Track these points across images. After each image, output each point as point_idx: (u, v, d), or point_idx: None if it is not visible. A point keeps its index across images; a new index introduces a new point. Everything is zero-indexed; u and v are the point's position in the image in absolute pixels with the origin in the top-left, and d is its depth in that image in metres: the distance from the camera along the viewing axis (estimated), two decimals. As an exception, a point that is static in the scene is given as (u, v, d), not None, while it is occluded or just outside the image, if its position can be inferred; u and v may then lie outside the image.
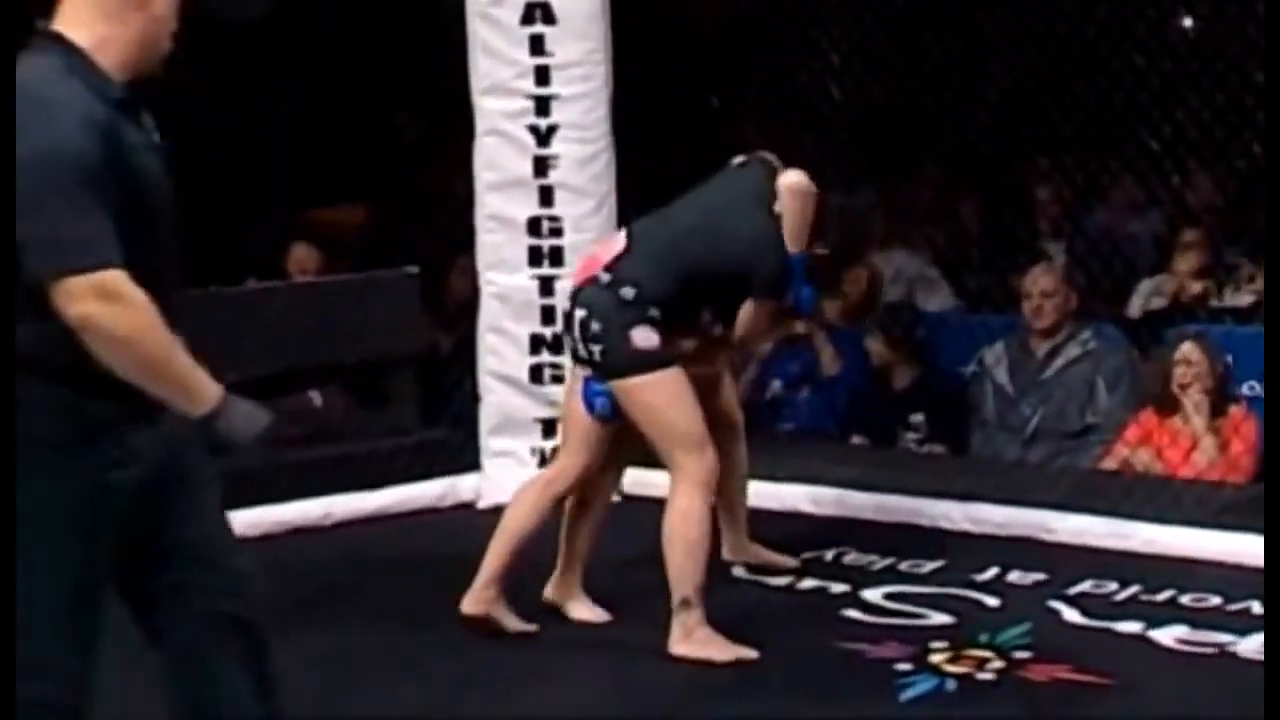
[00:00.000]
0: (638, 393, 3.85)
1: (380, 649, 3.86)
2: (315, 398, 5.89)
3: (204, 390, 2.43)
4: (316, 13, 6.49)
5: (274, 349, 5.20)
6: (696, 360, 4.04)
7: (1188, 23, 6.43)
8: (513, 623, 3.95)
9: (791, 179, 3.94)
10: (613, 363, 3.87)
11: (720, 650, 3.77)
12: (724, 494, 4.14)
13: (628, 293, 3.85)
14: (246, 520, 4.70)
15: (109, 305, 2.33)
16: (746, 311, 3.97)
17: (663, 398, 3.84)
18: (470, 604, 3.94)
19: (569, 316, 3.95)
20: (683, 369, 3.89)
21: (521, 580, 3.99)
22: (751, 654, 3.77)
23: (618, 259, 3.92)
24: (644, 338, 3.83)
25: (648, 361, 3.84)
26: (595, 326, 3.87)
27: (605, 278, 3.90)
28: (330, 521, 4.84)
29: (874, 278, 4.25)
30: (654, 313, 3.85)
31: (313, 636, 3.94)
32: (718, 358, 4.20)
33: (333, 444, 5.21)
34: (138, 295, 2.35)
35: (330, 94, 6.59)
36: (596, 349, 3.87)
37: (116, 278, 2.34)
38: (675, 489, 3.86)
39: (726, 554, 4.31)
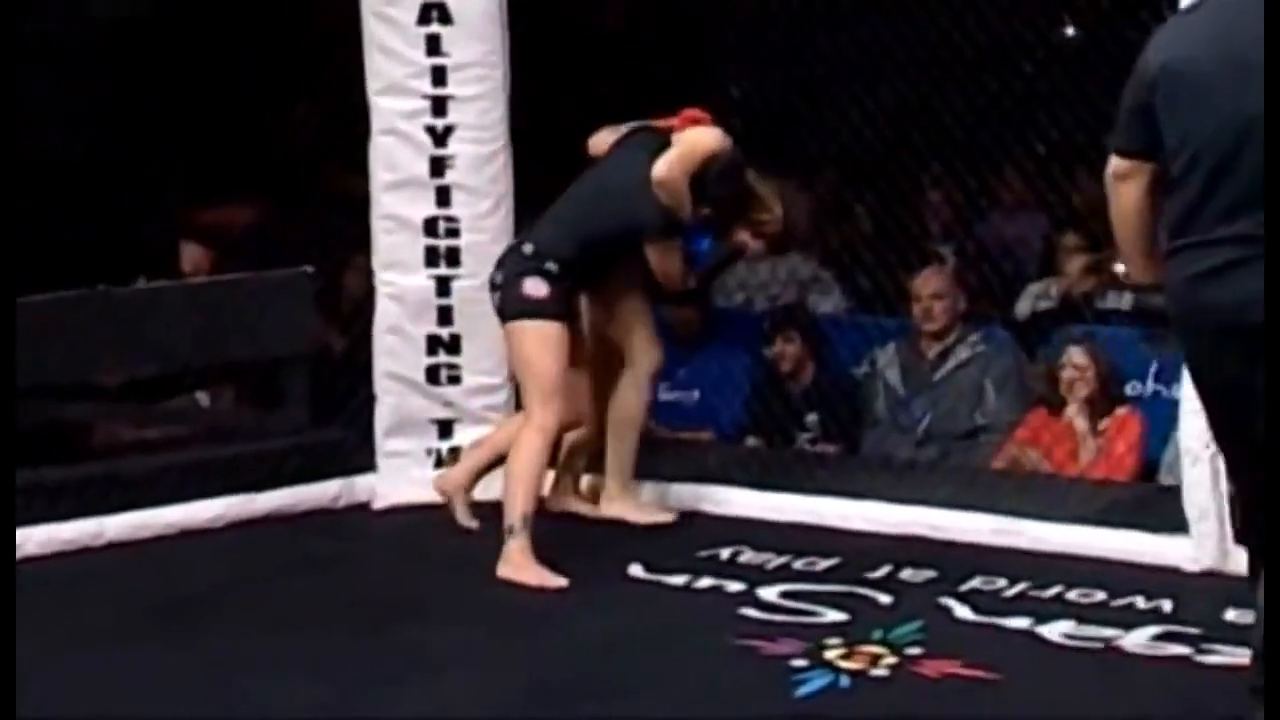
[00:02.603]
0: (515, 337, 4.35)
1: (273, 650, 3.83)
2: (203, 398, 5.82)
3: None
4: (210, 8, 6.41)
5: (165, 349, 5.13)
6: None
7: (1070, 31, 6.56)
8: (464, 517, 4.48)
9: (657, 173, 4.36)
10: (504, 307, 4.37)
11: (531, 576, 4.19)
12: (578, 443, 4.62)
13: (528, 248, 4.40)
14: (135, 522, 4.67)
15: None
16: (653, 260, 4.42)
17: (532, 347, 4.31)
18: (441, 481, 4.53)
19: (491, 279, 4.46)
20: (564, 325, 4.31)
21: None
22: (560, 582, 4.14)
23: (532, 226, 4.50)
24: (533, 286, 4.32)
25: (533, 309, 4.30)
26: (498, 277, 4.41)
27: (516, 240, 4.52)
28: (222, 523, 4.78)
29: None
30: (550, 266, 4.32)
31: (205, 638, 3.91)
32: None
33: (224, 445, 5.15)
34: None
35: (225, 91, 6.51)
36: (496, 296, 4.39)
37: None
38: (523, 429, 4.34)
39: (548, 493, 4.56)
